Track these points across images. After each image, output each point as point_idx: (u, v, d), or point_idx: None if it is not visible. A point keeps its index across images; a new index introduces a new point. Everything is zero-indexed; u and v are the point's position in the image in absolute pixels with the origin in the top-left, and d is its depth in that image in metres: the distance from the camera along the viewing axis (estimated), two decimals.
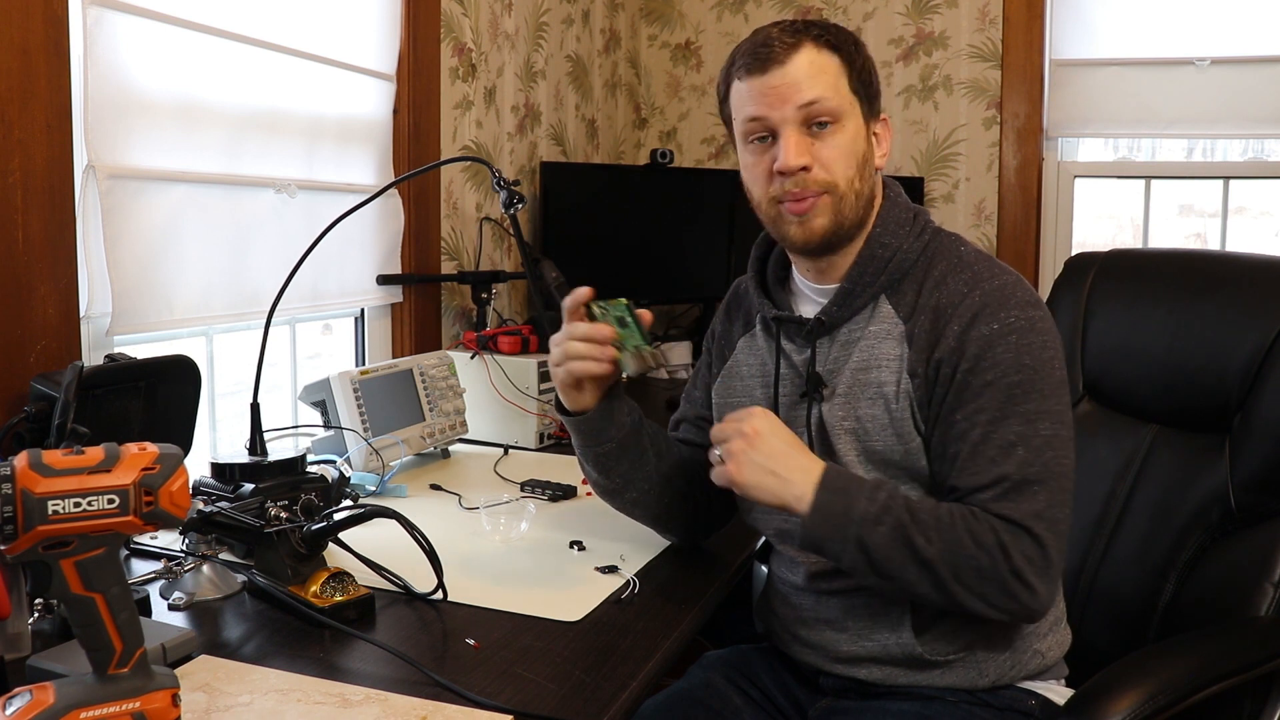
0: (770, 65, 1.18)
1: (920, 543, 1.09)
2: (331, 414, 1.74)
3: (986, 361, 1.15)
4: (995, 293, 1.18)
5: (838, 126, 1.19)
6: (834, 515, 1.12)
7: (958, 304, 1.18)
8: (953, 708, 1.21)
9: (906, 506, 1.12)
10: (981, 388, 1.14)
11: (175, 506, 0.85)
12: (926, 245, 1.24)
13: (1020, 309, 1.17)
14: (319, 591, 1.17)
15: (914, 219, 1.26)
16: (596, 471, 1.35)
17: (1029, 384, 1.14)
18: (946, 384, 1.16)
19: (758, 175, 1.23)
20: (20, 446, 1.19)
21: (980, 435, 1.13)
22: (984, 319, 1.16)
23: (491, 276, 2.31)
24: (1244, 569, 1.33)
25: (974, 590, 1.10)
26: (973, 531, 1.10)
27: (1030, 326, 1.16)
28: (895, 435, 1.19)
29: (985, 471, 1.13)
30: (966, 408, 1.15)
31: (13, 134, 1.33)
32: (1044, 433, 1.13)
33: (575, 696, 1.00)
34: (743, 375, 1.35)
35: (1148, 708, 1.08)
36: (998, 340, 1.15)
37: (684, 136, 3.32)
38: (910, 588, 1.12)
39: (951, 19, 2.99)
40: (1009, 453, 1.12)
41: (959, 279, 1.20)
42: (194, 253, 1.65)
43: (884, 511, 1.11)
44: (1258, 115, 2.73)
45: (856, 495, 1.12)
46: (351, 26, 2.00)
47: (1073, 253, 2.41)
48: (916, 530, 1.10)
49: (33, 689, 0.85)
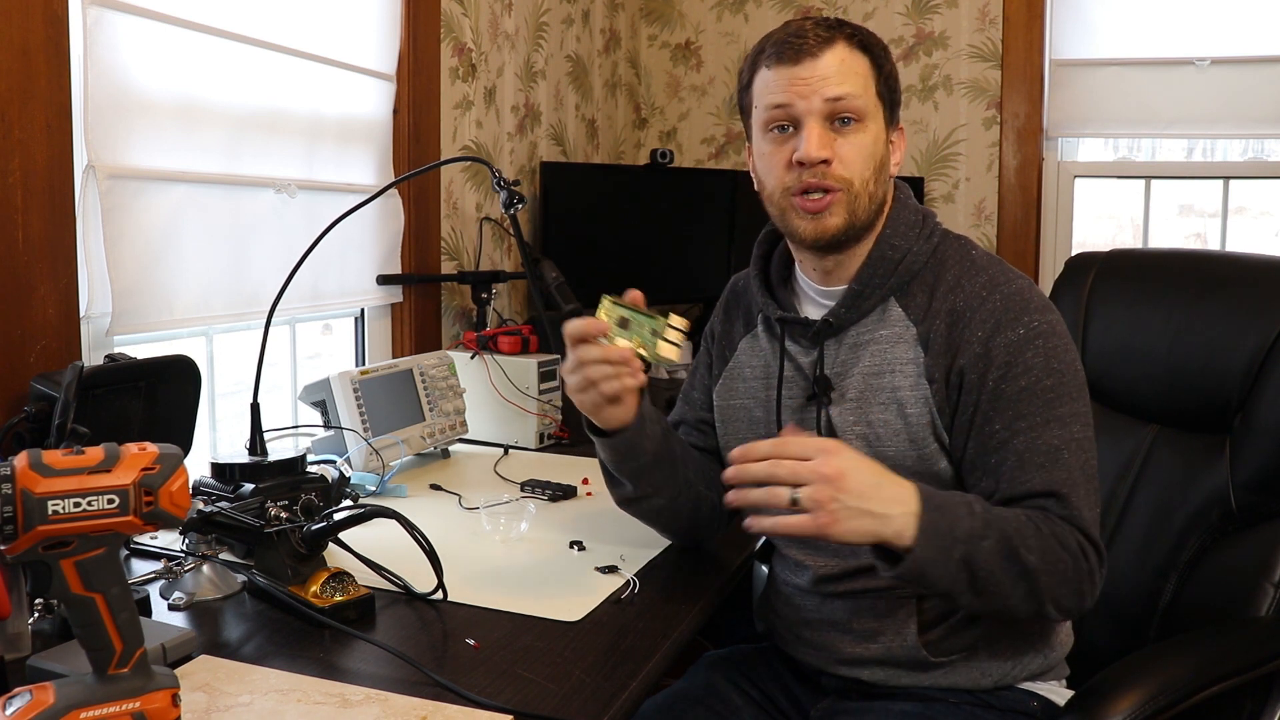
0: (803, 56, 1.18)
1: (1023, 553, 1.07)
2: (331, 414, 1.74)
3: (1018, 368, 1.14)
4: (1015, 297, 1.17)
5: (861, 126, 1.19)
6: (938, 537, 1.05)
7: (977, 308, 1.17)
8: (955, 709, 1.21)
9: (999, 516, 1.09)
10: (1017, 394, 1.14)
11: (175, 506, 0.85)
12: (936, 248, 1.24)
13: (1039, 313, 1.17)
14: (319, 591, 1.17)
15: (922, 221, 1.25)
16: (630, 484, 1.32)
17: (1060, 388, 1.14)
18: (974, 392, 1.15)
19: (774, 165, 1.21)
20: (20, 446, 1.19)
21: (1024, 443, 1.13)
22: (1008, 325, 1.16)
23: (491, 276, 2.31)
24: (1244, 569, 1.33)
25: (1054, 594, 1.09)
26: (1058, 536, 1.09)
27: (1052, 330, 1.17)
28: (909, 441, 1.18)
29: (1037, 479, 1.12)
30: (1004, 415, 1.14)
31: (13, 134, 1.33)
32: (1078, 435, 1.14)
33: (575, 696, 1.00)
34: (745, 377, 1.34)
35: (1148, 708, 1.08)
36: (1026, 345, 1.15)
37: (684, 136, 3.32)
38: (1004, 600, 1.09)
39: (951, 19, 2.99)
40: (1056, 458, 1.12)
41: (975, 282, 1.19)
42: (194, 253, 1.65)
43: (987, 526, 1.07)
44: (1258, 115, 2.72)
45: (957, 512, 1.07)
46: (351, 26, 2.00)
47: (1073, 253, 2.41)
48: (1019, 541, 1.07)
49: (33, 689, 0.84)
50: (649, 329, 1.19)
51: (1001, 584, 1.07)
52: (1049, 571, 1.08)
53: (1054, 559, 1.08)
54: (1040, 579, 1.08)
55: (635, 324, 1.19)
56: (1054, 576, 1.08)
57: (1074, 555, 1.09)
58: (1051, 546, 1.08)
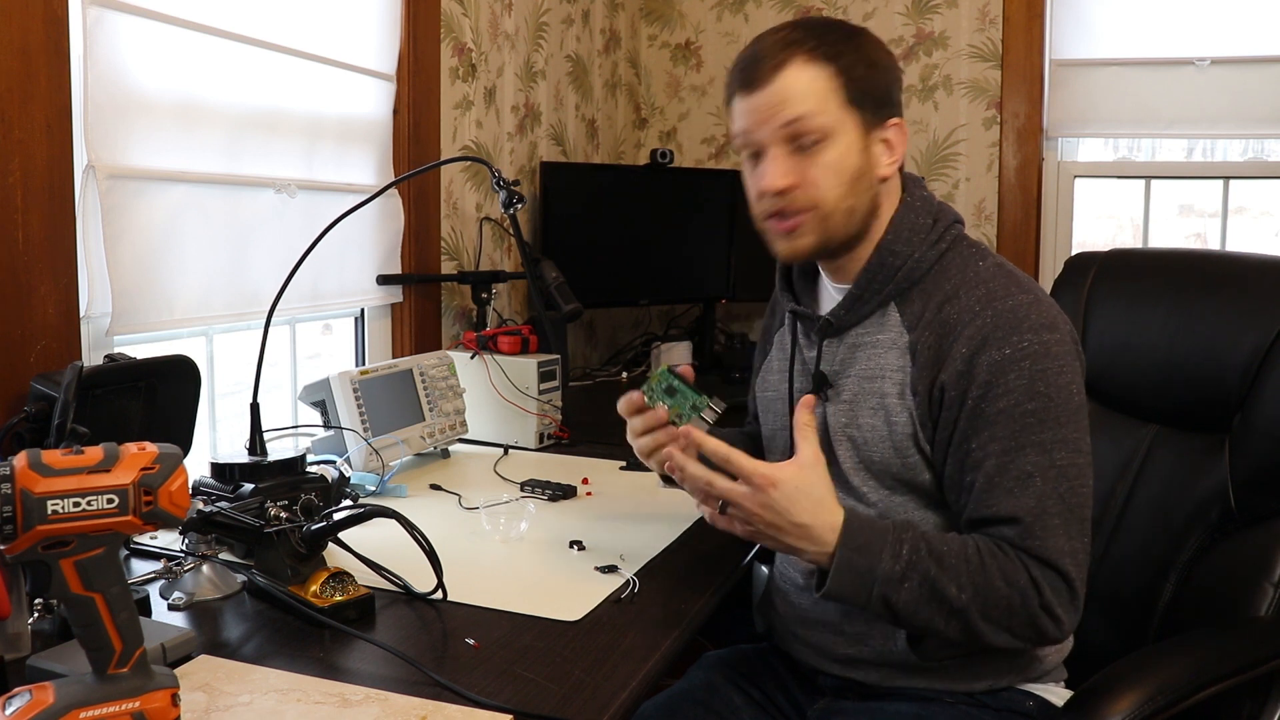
0: (755, 85, 1.16)
1: (952, 592, 1.07)
2: (331, 414, 1.74)
3: (999, 389, 1.11)
4: (1007, 314, 1.13)
5: (825, 144, 1.15)
6: (854, 576, 1.08)
7: (966, 323, 1.14)
8: (950, 708, 1.21)
9: (931, 553, 1.08)
10: (995, 415, 1.11)
11: (175, 506, 0.85)
12: (942, 255, 1.21)
13: (1034, 333, 1.12)
14: (319, 591, 1.17)
15: (933, 225, 1.22)
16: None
17: (1043, 412, 1.11)
18: (954, 408, 1.14)
19: (750, 191, 1.23)
20: (20, 446, 1.19)
21: (995, 466, 1.11)
22: (994, 343, 1.12)
23: (491, 276, 2.31)
24: (1244, 569, 1.33)
25: (1001, 625, 1.09)
26: (1004, 570, 1.08)
27: (1044, 351, 1.12)
28: (893, 449, 1.18)
29: (1003, 504, 1.10)
30: (980, 436, 1.12)
31: (13, 134, 1.33)
32: (1060, 462, 1.10)
33: (575, 696, 1.00)
34: (773, 369, 1.37)
35: (1147, 708, 1.08)
36: (1010, 366, 1.11)
37: (684, 136, 3.32)
38: (939, 633, 1.10)
39: (951, 19, 2.99)
40: (1026, 484, 1.10)
41: (971, 296, 1.16)
42: (194, 253, 1.65)
43: (909, 569, 1.07)
44: (1258, 115, 2.72)
45: (880, 554, 1.08)
46: (351, 26, 2.00)
47: (1073, 253, 2.41)
48: (948, 579, 1.07)
49: (32, 689, 0.84)
50: (690, 404, 1.27)
51: (930, 620, 1.08)
52: (988, 606, 1.07)
53: (993, 595, 1.07)
54: (973, 615, 1.07)
55: (681, 395, 1.28)
56: (996, 612, 1.08)
57: (1021, 590, 1.07)
58: (991, 582, 1.07)
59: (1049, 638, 1.10)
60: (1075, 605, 1.10)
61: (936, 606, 1.08)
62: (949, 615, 1.08)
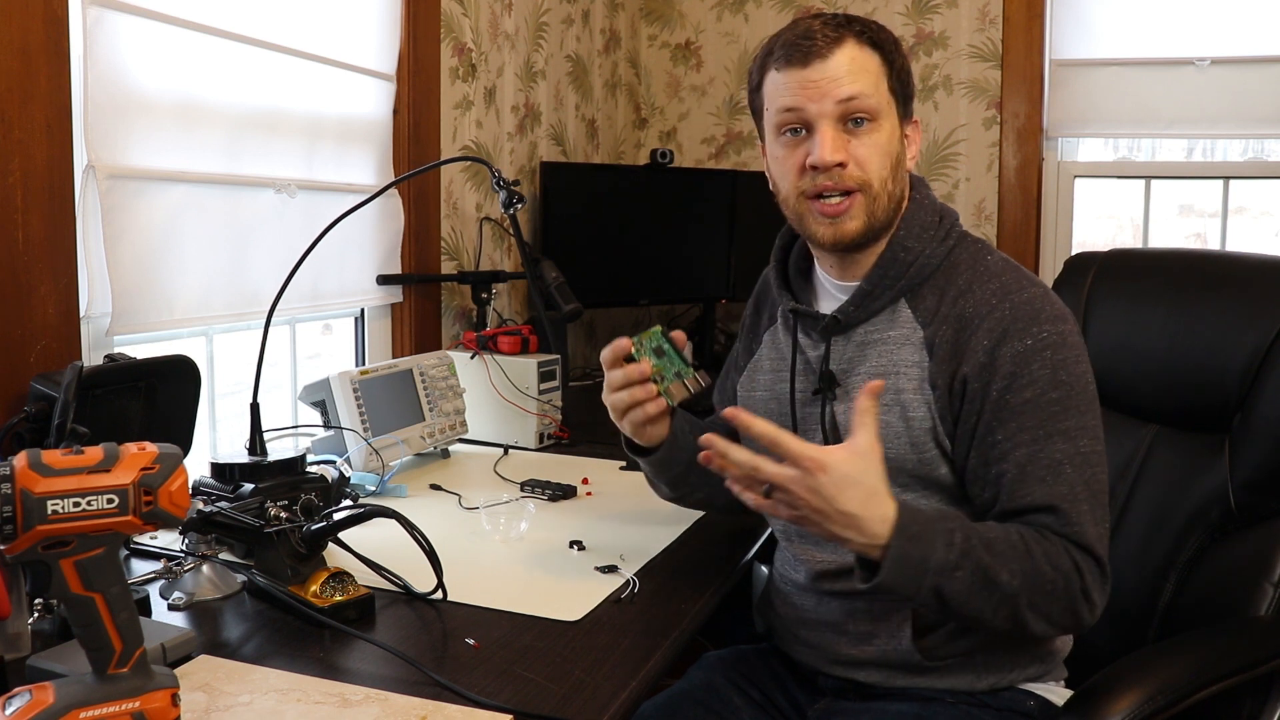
0: (811, 58, 1.16)
1: (1003, 578, 1.06)
2: (331, 414, 1.74)
3: (1024, 379, 1.12)
4: (1025, 306, 1.15)
5: (875, 125, 1.17)
6: (909, 567, 1.05)
7: (985, 315, 1.15)
8: (952, 708, 1.21)
9: (981, 540, 1.08)
10: (1021, 406, 1.12)
11: (175, 506, 0.85)
12: (950, 251, 1.22)
13: (1051, 323, 1.14)
14: (319, 591, 1.17)
15: (939, 222, 1.23)
16: (667, 488, 1.41)
17: (1067, 400, 1.12)
18: (977, 401, 1.14)
19: (788, 169, 1.20)
20: (20, 446, 1.19)
21: (1026, 455, 1.12)
22: (1015, 335, 1.13)
23: (491, 276, 2.31)
24: (1244, 569, 1.33)
25: (1042, 612, 1.09)
26: (1049, 555, 1.08)
27: (1062, 341, 1.14)
28: (909, 444, 1.18)
29: (1037, 493, 1.11)
30: (1007, 427, 1.13)
31: (13, 134, 1.33)
32: (1084, 449, 1.12)
33: (575, 696, 1.00)
34: (764, 369, 1.35)
35: (1147, 708, 1.08)
36: (1032, 357, 1.13)
37: (684, 136, 3.32)
38: (983, 622, 1.09)
39: (951, 19, 2.99)
40: (1058, 473, 1.11)
41: (986, 289, 1.17)
42: (194, 253, 1.65)
43: (963, 557, 1.06)
44: (1258, 115, 2.73)
45: (934, 543, 1.05)
46: (351, 26, 2.00)
47: (1073, 253, 2.41)
48: (1000, 566, 1.06)
49: (32, 689, 0.85)
50: (675, 369, 1.26)
51: (979, 609, 1.08)
52: (1035, 592, 1.07)
53: (1040, 580, 1.07)
54: (1022, 601, 1.07)
55: (668, 358, 1.27)
56: (1041, 597, 1.08)
57: (1065, 574, 1.08)
58: (1039, 567, 1.07)
59: (1083, 623, 1.11)
60: (1105, 589, 1.11)
61: (987, 595, 1.07)
62: (999, 603, 1.07)
